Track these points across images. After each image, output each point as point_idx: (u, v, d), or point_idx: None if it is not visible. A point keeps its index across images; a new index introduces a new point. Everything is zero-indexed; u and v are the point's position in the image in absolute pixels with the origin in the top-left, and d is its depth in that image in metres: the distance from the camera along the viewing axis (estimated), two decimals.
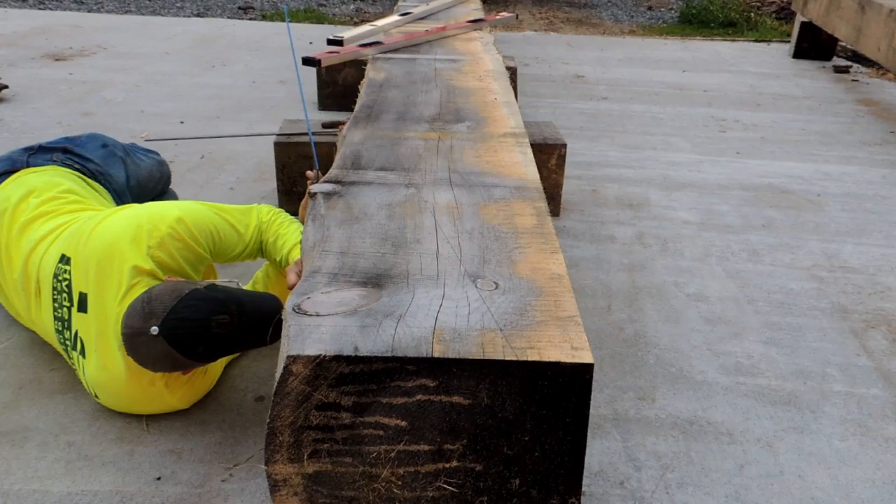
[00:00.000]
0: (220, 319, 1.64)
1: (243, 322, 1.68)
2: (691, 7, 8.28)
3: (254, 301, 1.75)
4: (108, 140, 2.54)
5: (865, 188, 3.62)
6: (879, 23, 4.75)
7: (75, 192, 2.16)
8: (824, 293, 2.63)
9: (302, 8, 8.28)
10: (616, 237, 3.00)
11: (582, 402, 1.20)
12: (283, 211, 2.14)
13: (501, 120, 2.44)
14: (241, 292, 1.78)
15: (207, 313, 1.64)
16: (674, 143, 4.17)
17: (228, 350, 1.74)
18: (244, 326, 1.68)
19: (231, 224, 2.01)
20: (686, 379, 2.14)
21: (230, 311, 1.66)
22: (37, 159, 2.29)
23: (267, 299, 1.78)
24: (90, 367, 1.83)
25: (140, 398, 1.85)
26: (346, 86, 4.28)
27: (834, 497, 1.75)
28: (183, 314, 1.62)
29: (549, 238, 1.58)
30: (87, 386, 1.89)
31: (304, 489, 1.23)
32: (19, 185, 2.14)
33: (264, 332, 1.72)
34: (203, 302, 1.65)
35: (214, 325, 1.63)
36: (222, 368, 2.03)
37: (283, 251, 2.01)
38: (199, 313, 1.64)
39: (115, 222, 1.87)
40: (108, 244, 1.82)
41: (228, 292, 1.72)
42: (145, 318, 1.62)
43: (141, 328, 1.62)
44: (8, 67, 5.15)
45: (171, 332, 1.61)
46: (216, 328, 1.64)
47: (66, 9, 7.69)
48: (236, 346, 1.75)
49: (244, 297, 1.74)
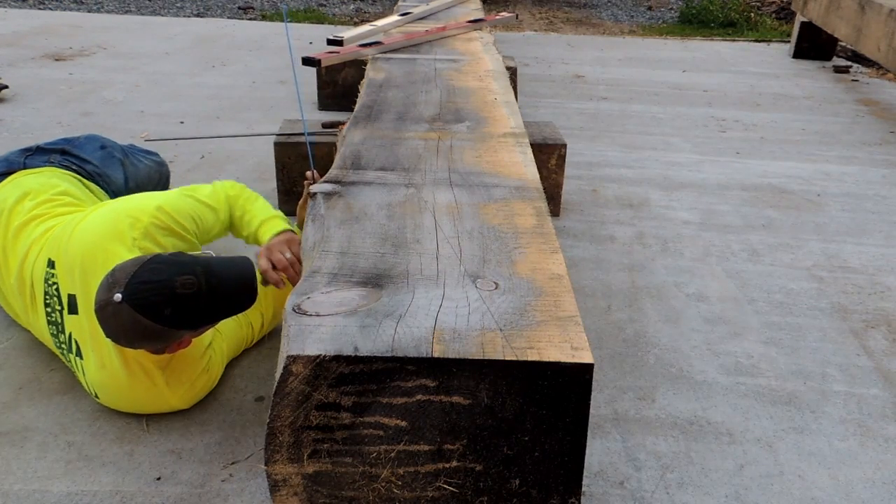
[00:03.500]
0: (184, 280, 1.61)
1: (212, 284, 1.64)
2: (691, 7, 8.28)
3: (223, 262, 1.72)
4: (107, 141, 2.53)
5: (865, 188, 3.62)
6: (879, 23, 4.75)
7: (71, 193, 2.15)
8: (824, 293, 2.63)
9: (302, 8, 8.28)
10: (616, 237, 3.00)
11: (582, 402, 1.20)
12: (245, 186, 2.16)
13: (501, 120, 2.44)
14: (211, 257, 1.75)
15: (171, 275, 1.61)
16: (674, 143, 4.17)
17: (202, 315, 1.67)
18: (213, 289, 1.64)
19: (206, 204, 2.03)
20: (686, 379, 2.14)
21: (195, 272, 1.63)
22: (34, 161, 2.28)
23: (237, 261, 1.75)
24: (89, 368, 1.83)
25: (140, 397, 1.84)
26: (346, 86, 4.28)
27: (834, 497, 1.75)
28: (144, 277, 1.59)
29: (549, 238, 1.58)
30: (87, 387, 1.89)
31: (304, 489, 1.23)
32: (15, 186, 2.13)
33: (239, 295, 1.70)
34: (165, 265, 1.63)
35: (178, 285, 1.60)
36: (223, 368, 2.03)
37: (250, 227, 2.03)
38: (160, 275, 1.60)
39: (94, 220, 1.87)
40: (91, 243, 1.81)
41: (195, 257, 1.70)
42: (109, 288, 1.59)
43: (106, 299, 1.59)
44: (8, 67, 5.15)
45: (133, 296, 1.57)
46: (181, 288, 1.60)
47: (66, 9, 7.69)
48: (210, 310, 1.68)
49: (212, 260, 1.71)
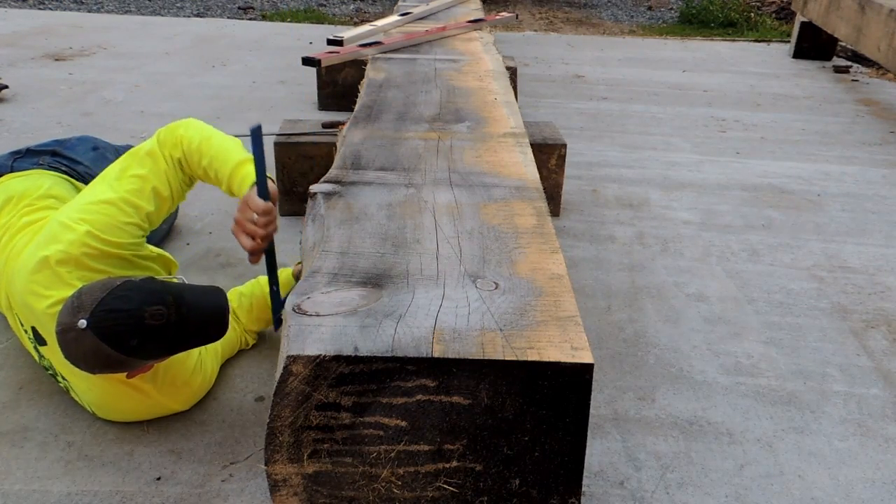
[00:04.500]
0: (153, 310, 1.52)
1: (181, 314, 1.56)
2: (691, 7, 8.28)
3: (195, 292, 1.63)
4: (100, 143, 2.51)
5: (865, 188, 3.62)
6: (879, 23, 4.75)
7: (54, 195, 2.04)
8: (824, 293, 2.63)
9: (302, 8, 8.27)
10: (616, 237, 3.00)
11: (582, 402, 1.20)
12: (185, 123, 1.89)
13: (501, 120, 2.44)
14: (183, 285, 1.66)
15: (139, 304, 1.52)
16: (674, 143, 4.17)
17: (170, 346, 1.60)
18: (183, 319, 1.56)
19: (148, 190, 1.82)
20: (686, 379, 2.14)
21: (166, 301, 1.55)
22: (22, 163, 2.21)
23: (210, 292, 1.67)
24: (80, 390, 1.83)
25: (136, 409, 1.84)
26: (346, 86, 4.28)
27: (834, 497, 1.75)
28: (112, 305, 1.51)
29: (549, 238, 1.58)
30: (80, 403, 1.89)
31: (304, 489, 1.23)
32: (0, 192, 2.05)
33: (207, 327, 1.63)
34: (135, 293, 1.54)
35: (148, 315, 1.51)
36: (218, 367, 2.02)
37: (223, 180, 1.81)
38: (129, 304, 1.52)
39: (28, 258, 1.75)
40: (27, 290, 1.73)
41: (166, 284, 1.62)
42: (73, 312, 1.51)
43: (69, 324, 1.51)
44: (8, 67, 5.15)
45: (100, 324, 1.49)
46: (150, 319, 1.51)
47: (66, 9, 7.69)
48: (177, 342, 1.60)
49: (184, 289, 1.63)
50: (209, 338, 1.66)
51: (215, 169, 1.81)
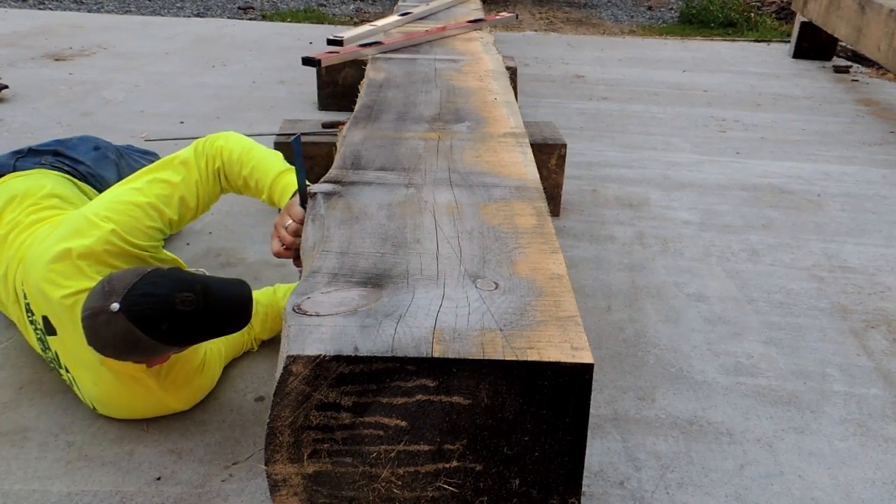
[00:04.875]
0: (184, 297, 1.57)
1: (209, 303, 1.61)
2: (691, 7, 8.28)
3: (220, 283, 1.69)
4: (101, 142, 2.51)
5: (865, 188, 3.62)
6: (879, 23, 4.75)
7: (59, 194, 2.06)
8: (824, 293, 2.63)
9: (302, 8, 8.28)
10: (616, 237, 3.00)
11: (582, 402, 1.20)
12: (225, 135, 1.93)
13: (501, 120, 2.44)
14: (208, 276, 1.72)
15: (170, 290, 1.58)
16: (674, 143, 4.17)
17: (194, 334, 1.64)
18: (210, 308, 1.61)
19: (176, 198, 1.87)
20: (686, 379, 2.14)
21: (195, 289, 1.60)
22: (25, 163, 2.23)
23: (235, 283, 1.72)
24: (83, 384, 1.83)
25: (139, 405, 1.84)
26: (346, 86, 4.28)
27: (834, 497, 1.75)
28: (145, 290, 1.56)
29: (549, 238, 1.58)
30: (83, 400, 1.89)
31: (304, 489, 1.23)
32: (4, 190, 2.07)
33: (232, 317, 1.66)
34: (165, 279, 1.60)
35: (178, 301, 1.57)
36: (221, 369, 2.03)
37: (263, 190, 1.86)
38: (161, 289, 1.57)
39: (48, 247, 1.78)
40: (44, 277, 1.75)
41: (193, 274, 1.67)
42: (105, 296, 1.55)
43: (101, 307, 1.54)
44: (8, 67, 5.15)
45: (132, 307, 1.53)
46: (180, 305, 1.57)
47: (66, 9, 7.69)
48: (203, 330, 1.65)
49: (210, 280, 1.68)
50: (233, 327, 1.70)
51: (256, 179, 1.86)
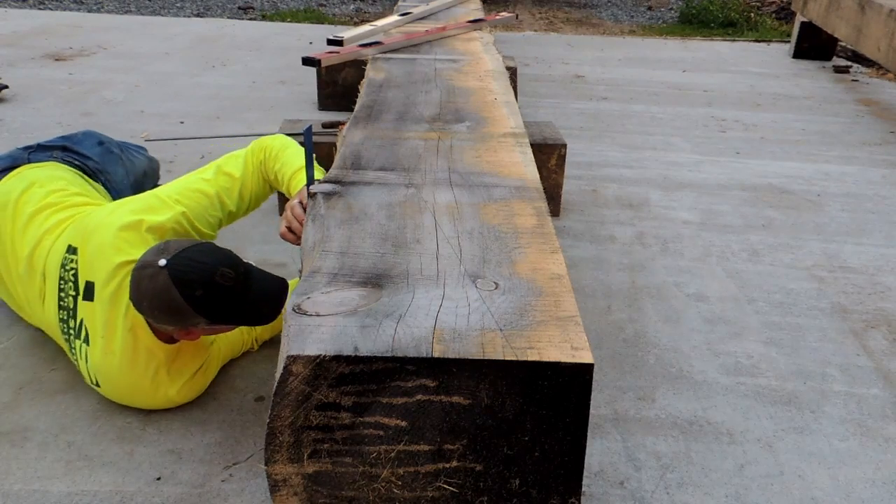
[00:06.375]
0: (224, 271, 1.69)
1: (247, 286, 1.72)
2: (691, 7, 8.28)
3: (263, 274, 1.80)
4: (104, 137, 2.54)
5: (865, 188, 3.62)
6: (879, 23, 4.75)
7: (78, 184, 2.19)
8: (824, 293, 2.63)
9: (302, 8, 8.28)
10: (616, 237, 3.00)
11: (582, 402, 1.20)
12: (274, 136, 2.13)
13: (501, 120, 2.44)
14: (253, 265, 1.83)
15: (216, 262, 1.69)
16: (674, 143, 4.17)
17: (224, 310, 1.71)
18: (246, 290, 1.71)
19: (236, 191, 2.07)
20: (686, 379, 2.14)
21: (237, 269, 1.72)
22: (37, 156, 2.30)
23: (276, 278, 1.83)
24: (94, 354, 1.84)
25: (141, 387, 1.85)
26: (346, 86, 4.28)
27: (834, 497, 1.75)
28: (193, 256, 1.69)
29: (549, 238, 1.58)
30: (87, 375, 1.89)
31: (304, 489, 1.24)
32: (20, 179, 2.15)
33: (263, 306, 1.76)
34: (215, 253, 1.73)
35: (218, 274, 1.67)
36: (219, 368, 2.03)
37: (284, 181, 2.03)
38: (207, 259, 1.70)
39: (119, 218, 1.90)
40: (112, 245, 1.84)
41: (241, 258, 1.79)
42: (158, 253, 1.69)
43: (150, 261, 1.67)
44: (8, 67, 5.15)
45: (176, 267, 1.66)
46: (219, 278, 1.67)
47: (66, 9, 7.69)
48: (234, 308, 1.73)
49: (255, 268, 1.80)
50: (261, 317, 1.78)
51: (283, 173, 2.03)
